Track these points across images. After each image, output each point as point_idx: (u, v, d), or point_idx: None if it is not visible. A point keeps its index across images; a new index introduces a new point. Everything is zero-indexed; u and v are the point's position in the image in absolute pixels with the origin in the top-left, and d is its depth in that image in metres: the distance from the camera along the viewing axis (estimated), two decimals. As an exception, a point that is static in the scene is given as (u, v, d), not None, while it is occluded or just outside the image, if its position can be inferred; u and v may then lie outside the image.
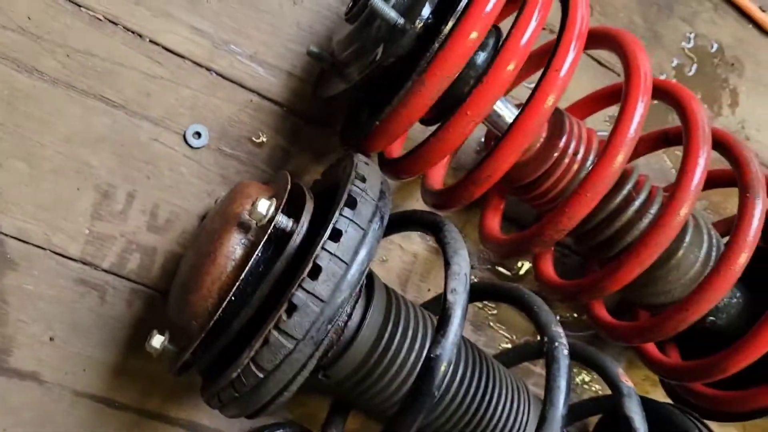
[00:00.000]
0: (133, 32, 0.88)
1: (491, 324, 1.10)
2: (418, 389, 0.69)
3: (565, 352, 0.80)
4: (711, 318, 1.02)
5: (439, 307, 0.96)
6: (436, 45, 0.70)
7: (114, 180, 0.89)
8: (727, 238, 0.89)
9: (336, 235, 0.67)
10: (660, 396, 1.13)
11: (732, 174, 0.94)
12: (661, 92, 0.89)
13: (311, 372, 0.79)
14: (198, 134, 0.92)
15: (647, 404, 1.02)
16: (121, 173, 0.89)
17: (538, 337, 0.96)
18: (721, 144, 0.92)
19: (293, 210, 0.73)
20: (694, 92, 1.18)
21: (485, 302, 1.09)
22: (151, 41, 0.89)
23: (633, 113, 0.77)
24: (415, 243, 1.04)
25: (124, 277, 0.90)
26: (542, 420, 0.76)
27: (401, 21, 0.73)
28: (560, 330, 0.82)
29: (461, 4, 0.70)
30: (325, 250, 0.66)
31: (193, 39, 0.91)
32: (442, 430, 0.82)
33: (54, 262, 0.87)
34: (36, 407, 0.88)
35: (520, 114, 0.74)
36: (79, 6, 0.86)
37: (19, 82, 0.85)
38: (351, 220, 0.68)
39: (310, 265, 0.65)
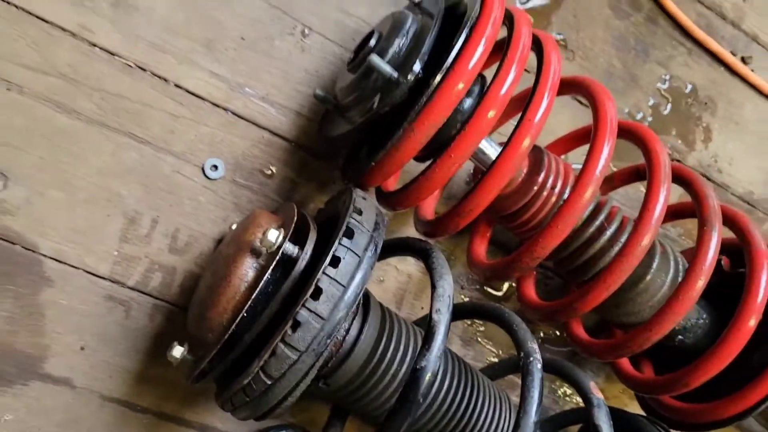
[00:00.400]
0: (159, 77, 1.00)
1: (479, 340, 1.20)
2: (405, 396, 0.79)
3: (539, 366, 0.90)
4: (680, 337, 1.12)
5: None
6: (425, 98, 0.81)
7: (140, 207, 1.00)
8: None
9: (335, 262, 0.77)
10: (636, 408, 1.22)
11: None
12: (629, 133, 1.00)
13: (313, 380, 0.90)
14: (215, 167, 1.03)
15: (620, 415, 1.12)
16: (146, 201, 1.00)
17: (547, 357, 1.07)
18: (684, 180, 1.02)
19: (299, 238, 0.83)
20: (670, 129, 1.30)
21: (473, 320, 1.19)
22: (175, 85, 1.01)
23: (599, 155, 0.88)
24: (409, 265, 1.15)
25: (147, 294, 1.01)
26: (516, 426, 0.85)
27: (395, 75, 0.84)
28: (535, 346, 0.92)
29: (448, 61, 0.81)
30: (326, 274, 0.76)
31: (212, 83, 1.02)
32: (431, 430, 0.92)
33: (86, 280, 0.98)
34: (67, 409, 0.98)
35: (498, 156, 0.85)
36: (113, 55, 0.97)
37: (59, 121, 0.96)
38: (348, 248, 0.78)
39: (313, 287, 0.76)
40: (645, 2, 1.27)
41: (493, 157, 0.92)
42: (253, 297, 0.80)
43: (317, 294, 0.76)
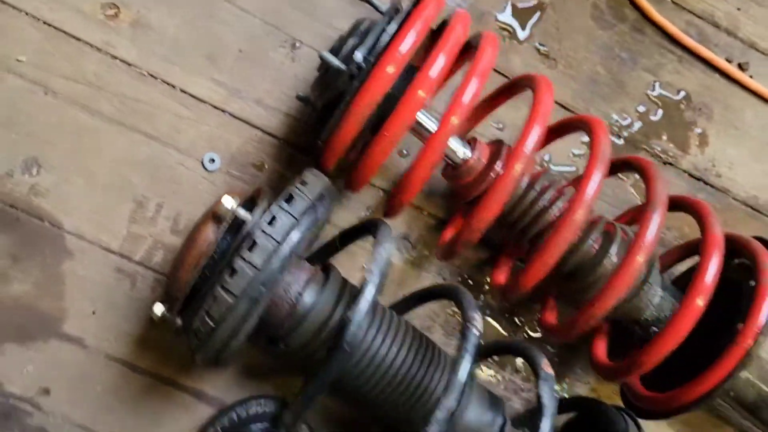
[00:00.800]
0: (168, 84, 1.18)
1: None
2: (334, 345, 0.89)
3: (474, 332, 0.95)
4: (653, 329, 1.13)
5: (405, 306, 1.16)
6: (358, 82, 0.92)
7: (148, 194, 1.16)
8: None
9: (272, 221, 0.89)
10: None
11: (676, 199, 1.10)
12: (579, 122, 1.06)
13: (273, 342, 1.01)
14: (212, 160, 1.18)
15: (591, 403, 1.14)
16: (153, 189, 1.16)
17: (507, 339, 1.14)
18: (637, 167, 1.07)
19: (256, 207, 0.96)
20: (660, 134, 1.33)
21: (456, 310, 1.25)
22: (181, 90, 1.18)
23: (529, 135, 0.95)
24: (392, 256, 1.23)
25: (151, 268, 1.16)
26: (446, 385, 0.91)
27: (342, 66, 0.96)
28: (476, 315, 0.97)
29: (378, 47, 0.93)
30: (262, 230, 0.88)
31: (213, 88, 1.19)
32: (365, 385, 0.98)
33: (100, 254, 1.15)
34: (79, 365, 1.14)
35: (430, 136, 0.95)
36: (131, 65, 1.16)
37: (84, 121, 1.15)
38: (286, 210, 0.90)
39: (249, 240, 0.87)
40: (629, 13, 1.33)
41: (433, 131, 1.01)
42: (210, 255, 0.93)
43: (252, 246, 0.87)
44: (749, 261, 1.07)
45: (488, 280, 1.26)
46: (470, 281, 1.26)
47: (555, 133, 1.14)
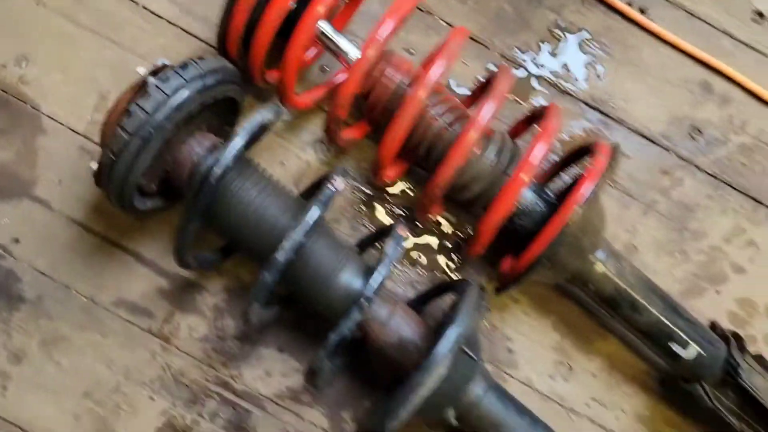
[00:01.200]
0: (133, 2, 1.45)
1: (363, 223, 1.44)
2: (203, 178, 1.11)
3: (331, 188, 1.14)
4: (519, 222, 1.28)
5: (306, 196, 1.36)
6: (244, -20, 1.16)
7: (110, 89, 1.43)
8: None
9: (166, 80, 1.13)
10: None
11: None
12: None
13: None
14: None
15: (457, 281, 1.30)
16: (115, 85, 1.43)
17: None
18: (494, 76, 1.24)
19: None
20: (560, 67, 1.49)
21: (363, 207, 1.44)
22: (143, 7, 1.45)
23: (382, 24, 1.14)
24: (308, 154, 1.45)
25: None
26: (292, 222, 1.11)
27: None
28: (338, 178, 1.16)
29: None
30: (156, 86, 1.12)
31: (169, 7, 1.45)
32: (237, 221, 1.19)
33: (69, 134, 1.42)
34: (46, 225, 1.40)
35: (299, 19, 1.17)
36: (104, -15, 1.45)
37: (68, 28, 1.44)
38: (179, 74, 1.14)
39: (143, 91, 1.12)
40: (536, -41, 1.50)
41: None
42: (124, 112, 1.17)
43: (145, 95, 1.11)
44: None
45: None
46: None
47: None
